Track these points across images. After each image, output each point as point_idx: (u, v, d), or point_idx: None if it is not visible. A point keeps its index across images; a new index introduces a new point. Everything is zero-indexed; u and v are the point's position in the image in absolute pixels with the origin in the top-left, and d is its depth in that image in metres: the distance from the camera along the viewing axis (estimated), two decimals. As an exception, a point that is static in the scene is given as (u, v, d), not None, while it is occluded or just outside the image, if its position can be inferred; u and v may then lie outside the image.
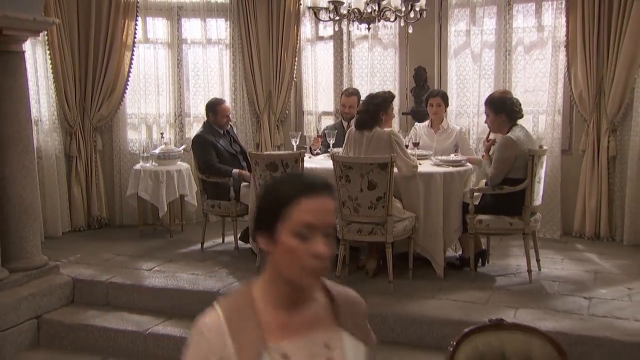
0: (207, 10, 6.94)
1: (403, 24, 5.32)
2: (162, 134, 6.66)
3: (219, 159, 5.68)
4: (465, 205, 4.70)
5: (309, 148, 5.85)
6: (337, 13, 5.12)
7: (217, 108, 5.83)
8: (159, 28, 6.93)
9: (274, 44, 6.91)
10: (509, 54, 6.16)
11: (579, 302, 4.20)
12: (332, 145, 5.36)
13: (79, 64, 6.49)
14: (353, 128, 4.84)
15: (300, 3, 6.78)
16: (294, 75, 7.00)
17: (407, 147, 4.94)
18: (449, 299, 4.30)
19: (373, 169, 4.37)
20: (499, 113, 4.67)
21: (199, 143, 5.74)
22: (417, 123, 5.95)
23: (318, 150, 5.69)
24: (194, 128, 6.79)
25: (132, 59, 6.58)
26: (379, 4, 5.02)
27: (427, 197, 4.69)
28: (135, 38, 6.57)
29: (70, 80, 6.39)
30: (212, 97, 6.26)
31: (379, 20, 5.18)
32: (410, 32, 5.42)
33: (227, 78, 7.08)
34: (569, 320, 3.88)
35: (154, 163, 6.24)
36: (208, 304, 4.92)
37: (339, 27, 5.44)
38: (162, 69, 6.92)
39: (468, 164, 5.02)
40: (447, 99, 5.68)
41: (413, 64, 6.46)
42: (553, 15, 5.94)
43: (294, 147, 5.48)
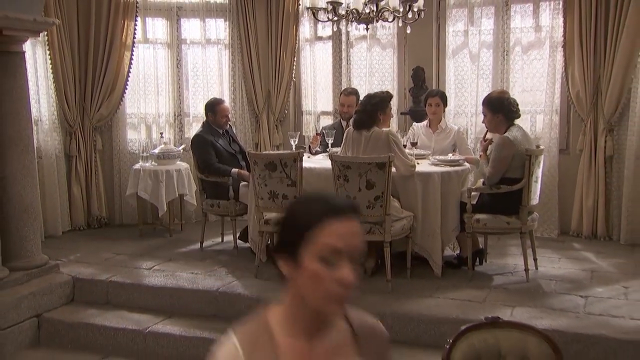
0: (206, 11, 6.95)
1: (401, 25, 5.33)
2: (161, 134, 6.68)
3: (218, 159, 5.70)
4: (463, 205, 4.72)
5: (308, 147, 5.86)
6: (335, 13, 5.14)
7: (216, 108, 5.85)
8: (159, 28, 6.94)
9: (273, 44, 6.92)
10: (507, 54, 6.18)
11: (576, 300, 4.22)
12: (330, 145, 5.38)
13: (79, 64, 6.51)
14: (351, 128, 4.86)
15: (299, 3, 6.78)
16: (293, 75, 7.01)
17: (405, 146, 4.96)
18: (447, 298, 4.33)
19: (371, 169, 4.39)
20: (497, 113, 4.70)
21: (198, 143, 5.76)
22: (415, 123, 5.97)
23: (317, 149, 5.71)
24: (194, 128, 6.80)
25: (131, 59, 6.60)
26: (377, 5, 5.03)
27: (425, 196, 4.71)
28: (135, 38, 6.59)
29: (70, 80, 6.41)
30: (211, 97, 6.28)
31: (377, 21, 5.18)
32: (409, 32, 5.44)
33: (226, 78, 7.09)
34: (565, 319, 3.91)
35: (154, 163, 6.26)
36: (207, 303, 4.92)
37: (338, 27, 5.43)
38: (161, 69, 6.94)
39: (466, 164, 5.03)
40: (445, 99, 5.71)
41: (411, 64, 6.47)
42: (550, 16, 5.96)
43: (293, 146, 5.49)
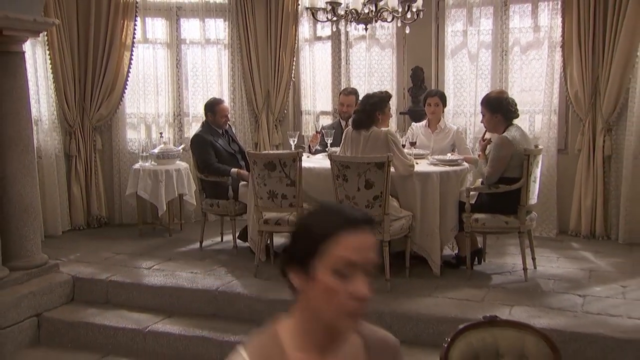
0: (205, 11, 6.96)
1: (400, 25, 5.34)
2: (161, 134, 6.69)
3: (218, 159, 5.71)
4: (462, 204, 4.73)
5: (308, 146, 5.88)
6: (334, 14, 5.15)
7: (215, 108, 5.86)
8: (158, 28, 6.96)
9: (273, 44, 6.93)
10: (506, 54, 6.19)
11: (574, 299, 4.24)
12: (329, 145, 5.39)
13: (79, 64, 6.52)
14: (350, 127, 4.87)
15: (299, 3, 6.80)
16: (292, 75, 7.03)
17: (404, 146, 4.97)
18: (445, 297, 4.34)
19: (370, 168, 4.40)
20: (495, 113, 4.71)
21: (198, 142, 5.77)
22: (414, 123, 5.98)
23: (317, 147, 5.71)
24: (193, 128, 6.81)
25: (131, 59, 6.61)
26: (376, 5, 5.04)
27: (423, 196, 4.72)
28: (135, 38, 6.60)
29: (70, 80, 6.42)
30: (210, 97, 6.29)
31: (376, 21, 5.20)
32: (408, 32, 5.45)
33: (225, 78, 7.11)
34: (563, 318, 3.92)
35: (153, 162, 6.27)
36: (207, 302, 4.93)
37: (337, 27, 5.44)
38: (161, 69, 6.95)
39: (464, 163, 5.05)
40: (445, 99, 5.72)
41: (410, 64, 6.48)
42: (549, 16, 5.98)
43: (292, 146, 5.50)
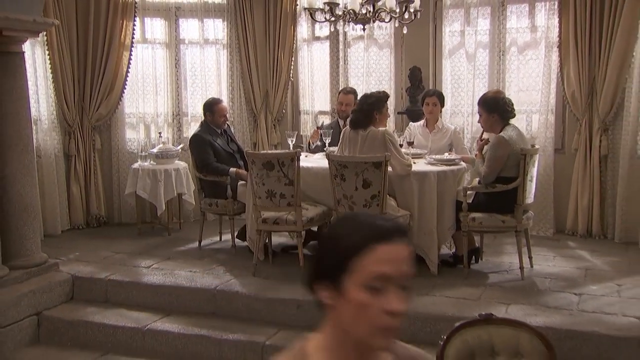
0: (204, 11, 6.98)
1: (398, 25, 5.37)
2: (160, 133, 6.71)
3: (216, 158, 5.73)
4: (459, 204, 4.75)
5: (308, 144, 5.91)
6: (332, 14, 5.17)
7: (214, 108, 5.88)
8: (157, 28, 6.97)
9: (271, 44, 6.95)
10: (503, 54, 6.21)
11: (569, 298, 4.27)
12: (327, 144, 5.42)
13: (78, 64, 6.53)
14: (348, 127, 4.90)
15: (297, 4, 6.81)
16: (291, 75, 7.05)
17: (401, 146, 5.00)
18: (443, 296, 4.36)
19: (368, 168, 4.43)
20: (492, 112, 4.73)
21: (197, 142, 5.79)
22: (411, 122, 6.00)
23: (318, 143, 5.73)
24: (192, 127, 6.83)
25: (130, 59, 6.63)
26: (374, 5, 5.06)
27: (421, 195, 4.74)
28: (134, 38, 6.61)
29: (69, 80, 6.44)
30: (209, 96, 6.32)
31: (374, 21, 5.22)
32: (405, 32, 5.48)
33: (224, 78, 7.12)
34: (559, 316, 3.95)
35: (152, 162, 6.29)
36: (205, 301, 4.95)
37: (335, 27, 5.46)
38: (160, 69, 6.97)
39: (462, 163, 5.07)
40: (443, 99, 5.73)
41: (408, 64, 6.51)
42: (546, 16, 6.00)
43: (291, 146, 5.52)
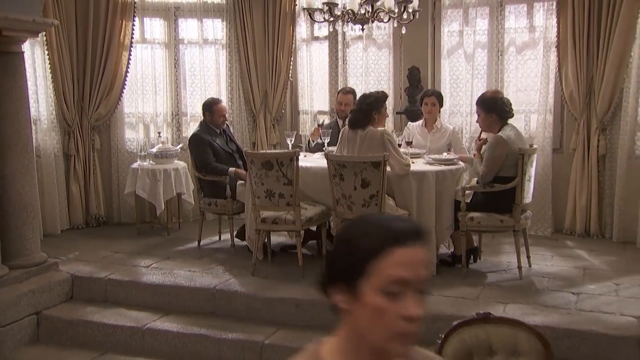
0: (203, 11, 6.99)
1: (396, 25, 5.38)
2: (159, 133, 6.72)
3: (216, 158, 5.74)
4: (457, 203, 4.76)
5: (308, 141, 5.93)
6: (331, 14, 5.18)
7: (213, 107, 5.89)
8: (156, 28, 6.98)
9: (270, 44, 6.96)
10: (501, 54, 6.23)
11: (567, 297, 4.28)
12: (326, 144, 5.43)
13: (77, 64, 6.54)
14: (347, 127, 4.92)
15: (296, 4, 6.81)
16: (290, 75, 7.05)
17: (400, 146, 5.01)
18: (441, 295, 4.37)
19: (366, 168, 4.44)
20: (490, 112, 4.75)
21: (196, 142, 5.80)
22: (410, 122, 6.02)
23: (318, 140, 5.74)
24: (191, 127, 6.86)
25: (129, 59, 6.64)
26: (373, 6, 5.07)
27: (419, 195, 4.75)
28: (133, 38, 6.62)
29: (69, 80, 6.45)
30: (208, 96, 6.32)
31: (373, 22, 5.23)
32: (404, 32, 5.48)
33: (223, 78, 7.14)
34: (557, 315, 3.97)
35: (152, 162, 6.30)
36: (205, 300, 4.96)
37: (334, 27, 5.47)
38: (159, 69, 6.98)
39: (460, 163, 5.08)
40: (442, 99, 5.73)
41: (407, 64, 6.52)
42: (544, 16, 6.02)
43: (289, 146, 5.54)
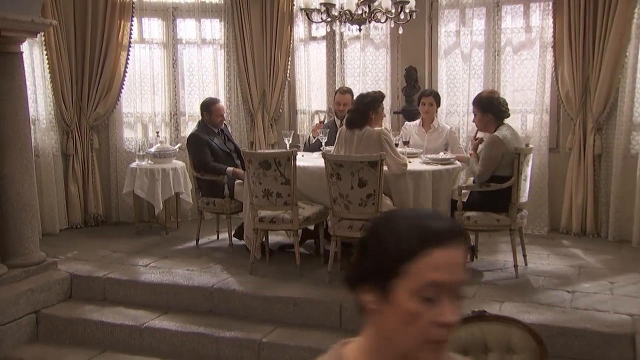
0: (201, 11, 7.01)
1: (393, 25, 5.40)
2: (157, 133, 6.74)
3: (214, 158, 5.76)
4: (454, 202, 4.79)
5: (308, 138, 5.98)
6: (328, 15, 5.21)
7: (211, 107, 5.91)
8: (155, 28, 7.01)
9: (268, 44, 6.99)
10: (498, 54, 6.26)
11: (562, 295, 4.31)
12: (324, 144, 5.46)
13: (76, 64, 6.56)
14: (344, 127, 4.94)
15: (294, 4, 6.85)
16: (288, 75, 7.08)
17: (397, 145, 5.04)
18: (438, 294, 4.40)
19: (363, 167, 4.47)
20: (486, 112, 4.78)
21: (194, 142, 5.82)
22: (407, 122, 6.05)
23: (320, 135, 5.75)
24: (189, 127, 6.88)
25: (127, 59, 6.66)
26: (370, 6, 5.10)
27: (416, 194, 4.77)
28: (131, 38, 6.64)
29: (67, 80, 6.47)
30: (206, 96, 6.35)
31: (370, 22, 5.26)
32: (401, 33, 5.51)
33: (221, 77, 7.16)
34: (552, 313, 4.00)
35: (150, 161, 6.32)
36: (203, 299, 4.99)
37: (331, 28, 5.50)
38: (157, 69, 7.00)
39: (457, 162, 5.10)
40: (439, 99, 5.77)
41: (404, 64, 6.55)
42: (540, 17, 6.05)
43: (287, 145, 5.57)
